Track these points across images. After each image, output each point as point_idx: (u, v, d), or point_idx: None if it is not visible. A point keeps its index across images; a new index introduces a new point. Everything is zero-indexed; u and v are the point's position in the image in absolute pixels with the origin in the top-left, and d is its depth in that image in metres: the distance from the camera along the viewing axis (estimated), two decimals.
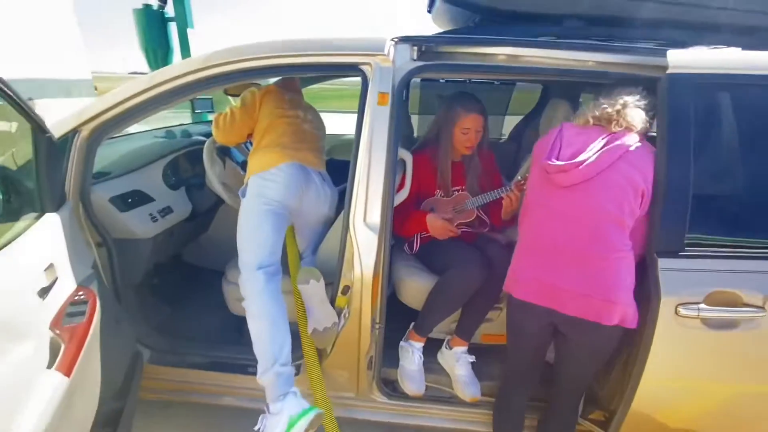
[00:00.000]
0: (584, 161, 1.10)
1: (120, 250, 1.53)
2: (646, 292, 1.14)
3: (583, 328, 1.13)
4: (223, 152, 1.93)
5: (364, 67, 1.33)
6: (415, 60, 1.33)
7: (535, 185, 1.26)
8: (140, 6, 3.92)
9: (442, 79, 2.55)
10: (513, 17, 1.53)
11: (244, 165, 2.21)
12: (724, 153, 1.14)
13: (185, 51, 4.03)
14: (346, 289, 1.46)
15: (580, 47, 1.26)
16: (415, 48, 1.32)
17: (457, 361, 1.56)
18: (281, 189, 1.52)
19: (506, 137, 2.97)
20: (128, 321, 1.52)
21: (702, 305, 1.11)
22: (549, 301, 1.15)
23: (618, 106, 1.15)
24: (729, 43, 1.34)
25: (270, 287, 1.45)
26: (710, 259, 1.13)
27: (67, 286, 1.15)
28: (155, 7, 3.92)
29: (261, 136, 1.64)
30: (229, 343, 1.72)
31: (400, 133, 1.35)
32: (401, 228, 1.66)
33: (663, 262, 1.13)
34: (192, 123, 2.97)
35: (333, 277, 1.51)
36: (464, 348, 1.59)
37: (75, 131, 1.39)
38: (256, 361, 1.64)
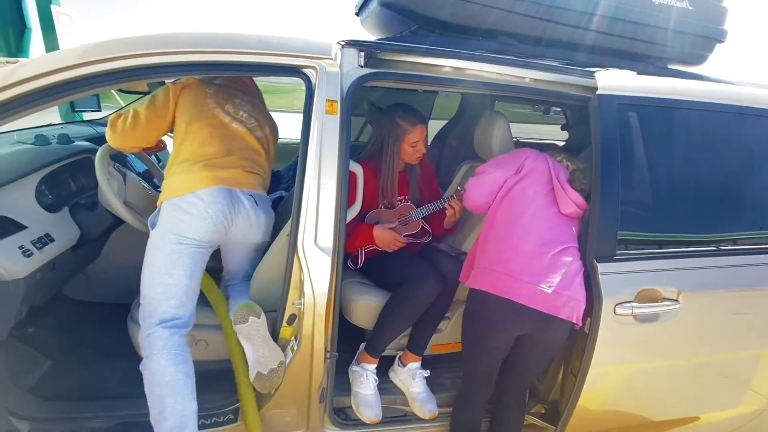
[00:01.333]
0: (586, 208, 1.31)
1: None
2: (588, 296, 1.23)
3: (554, 327, 1.21)
4: (121, 162, 1.58)
5: (308, 71, 1.19)
6: (362, 66, 1.24)
7: (537, 194, 1.31)
8: None
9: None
10: (450, 29, 1.53)
11: (147, 177, 1.85)
12: (644, 165, 1.29)
13: (48, 31, 3.26)
14: (293, 318, 1.30)
15: (520, 64, 1.31)
16: (362, 53, 1.23)
17: (412, 378, 1.52)
18: (198, 223, 1.26)
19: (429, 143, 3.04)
20: None
21: (634, 303, 1.23)
22: (546, 305, 1.19)
23: (575, 167, 1.40)
24: (624, 68, 1.56)
25: (173, 344, 1.22)
26: (638, 261, 1.27)
27: None
28: None
29: (179, 146, 1.35)
30: (142, 396, 1.41)
31: (350, 145, 1.25)
32: (346, 243, 1.56)
33: (601, 267, 1.23)
34: (64, 123, 2.41)
35: (270, 306, 1.34)
36: (418, 363, 1.55)
37: None
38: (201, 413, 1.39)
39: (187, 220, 1.26)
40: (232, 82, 1.52)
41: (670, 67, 1.66)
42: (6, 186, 1.30)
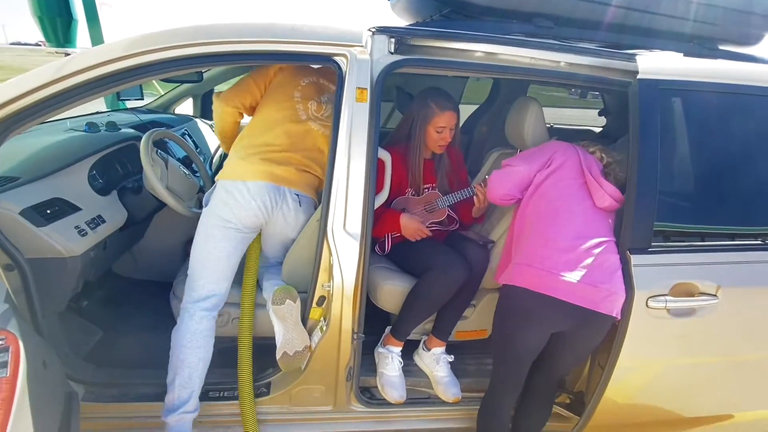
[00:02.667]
0: (623, 201, 1.27)
1: (39, 273, 1.25)
2: None
3: (593, 322, 1.18)
4: (162, 149, 1.67)
5: (339, 59, 1.21)
6: (392, 53, 1.24)
7: (570, 188, 1.28)
8: None
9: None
10: (483, 12, 1.49)
11: (186, 163, 1.95)
12: (686, 153, 1.23)
13: (93, 22, 3.43)
14: (322, 300, 1.35)
15: (557, 48, 1.27)
16: (393, 40, 1.23)
17: (437, 363, 1.55)
18: (240, 210, 1.35)
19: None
20: (55, 357, 1.25)
21: (669, 297, 1.20)
22: (586, 299, 1.15)
23: (611, 159, 1.36)
24: (666, 48, 1.47)
25: (203, 327, 1.35)
26: (674, 254, 1.22)
27: None
28: None
29: (251, 128, 1.43)
30: None
31: (379, 132, 1.26)
32: (373, 228, 1.58)
33: (635, 259, 1.20)
34: (110, 111, 2.55)
35: (300, 287, 1.39)
36: (442, 348, 1.58)
37: None
38: (218, 384, 1.48)
39: (232, 204, 1.34)
40: (325, 77, 1.55)
41: (721, 48, 1.55)
42: (62, 170, 1.41)
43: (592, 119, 2.85)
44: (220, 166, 2.48)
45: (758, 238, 1.29)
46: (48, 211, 1.28)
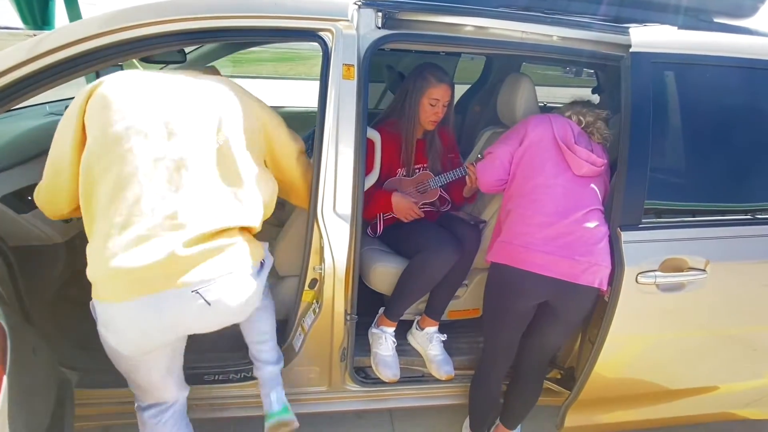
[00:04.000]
0: (604, 163, 1.29)
1: (24, 261, 1.23)
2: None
3: (575, 294, 1.20)
4: None
5: (324, 34, 1.16)
6: (380, 28, 1.20)
7: (545, 162, 1.27)
8: None
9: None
10: None
11: None
12: (679, 129, 1.22)
13: (72, 2, 3.29)
14: (314, 283, 1.35)
15: (548, 21, 1.24)
16: (380, 14, 1.19)
17: (430, 341, 1.56)
18: (127, 343, 0.97)
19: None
20: (45, 345, 1.25)
21: (658, 272, 1.21)
22: (564, 272, 1.18)
23: (593, 117, 1.35)
24: (660, 21, 1.44)
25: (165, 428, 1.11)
26: (664, 229, 1.23)
27: None
28: None
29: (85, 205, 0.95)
30: None
31: (367, 111, 1.23)
32: (364, 210, 1.57)
33: (625, 235, 1.20)
34: None
35: (294, 271, 1.38)
36: (435, 328, 1.59)
37: None
38: (211, 367, 1.48)
39: (111, 339, 0.98)
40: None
41: (716, 21, 1.52)
42: (43, 155, 1.37)
43: (586, 98, 2.81)
44: None
45: (747, 213, 1.30)
46: (29, 198, 1.25)
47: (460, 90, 2.84)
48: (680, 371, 1.43)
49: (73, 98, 1.79)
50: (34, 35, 3.75)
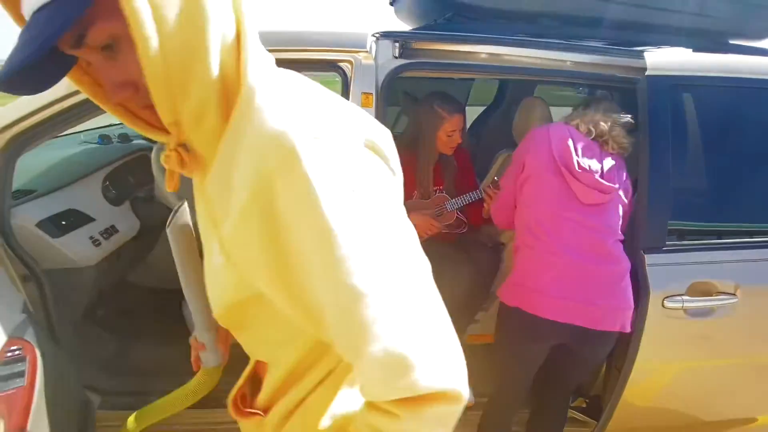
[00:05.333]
0: (616, 187, 1.13)
1: (55, 283, 1.28)
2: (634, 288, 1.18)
3: (600, 339, 1.13)
4: None
5: (343, 65, 1.21)
6: (397, 57, 1.24)
7: (546, 191, 1.14)
8: None
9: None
10: (488, 14, 1.49)
11: None
12: (700, 150, 1.21)
13: None
14: None
15: (562, 47, 1.26)
16: (397, 44, 1.23)
17: None
18: None
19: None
20: (71, 366, 1.28)
21: (685, 297, 1.17)
22: (581, 318, 1.09)
23: (610, 124, 1.18)
24: (674, 44, 1.45)
25: None
26: (690, 252, 1.20)
27: None
28: None
29: None
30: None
31: None
32: None
33: (649, 258, 1.18)
34: (120, 122, 2.61)
35: None
36: None
37: None
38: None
39: None
40: None
41: (731, 42, 1.52)
42: (76, 182, 1.45)
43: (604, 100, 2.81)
44: None
45: None
46: (63, 223, 1.31)
47: (476, 111, 2.89)
48: (714, 401, 1.36)
49: (105, 126, 1.82)
50: None
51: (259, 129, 0.41)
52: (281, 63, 1.27)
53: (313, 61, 1.21)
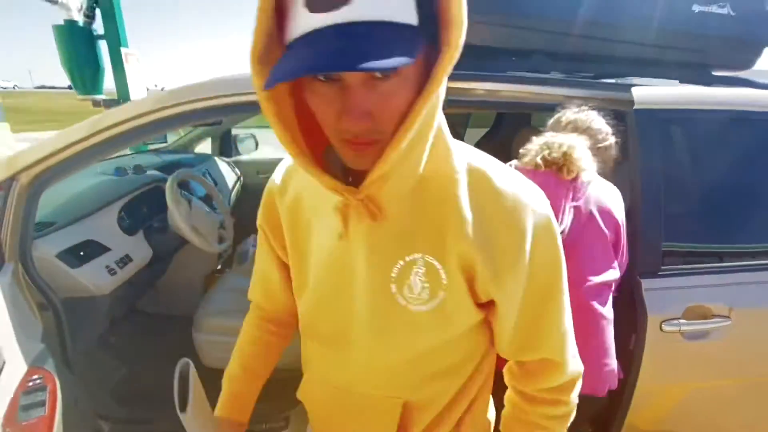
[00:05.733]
0: (563, 230, 1.02)
1: (71, 312, 1.32)
2: (632, 313, 1.22)
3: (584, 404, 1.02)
4: (186, 189, 1.76)
5: None
6: None
7: None
8: (61, 22, 3.53)
9: None
10: (479, 51, 1.58)
11: (208, 201, 2.05)
12: (690, 178, 1.27)
13: (119, 71, 3.69)
14: None
15: (556, 83, 1.34)
16: None
17: None
18: None
19: None
20: (85, 395, 1.31)
21: (682, 320, 1.20)
22: None
23: (564, 148, 1.05)
24: (664, 76, 1.53)
25: None
26: (683, 276, 1.24)
27: (16, 369, 0.96)
28: (81, 24, 3.55)
29: None
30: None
31: None
32: None
33: (645, 283, 1.22)
34: (134, 153, 2.70)
35: None
36: None
37: (12, 179, 1.19)
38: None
39: None
40: None
41: (715, 74, 1.61)
42: (94, 214, 1.51)
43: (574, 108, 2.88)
44: (237, 202, 2.59)
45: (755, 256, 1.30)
46: (81, 253, 1.37)
47: (476, 132, 2.98)
48: (721, 423, 1.37)
49: (119, 156, 1.86)
50: (83, 99, 4.08)
51: (513, 198, 0.53)
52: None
53: None
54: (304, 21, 0.41)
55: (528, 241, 0.53)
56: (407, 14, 0.41)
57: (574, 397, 0.67)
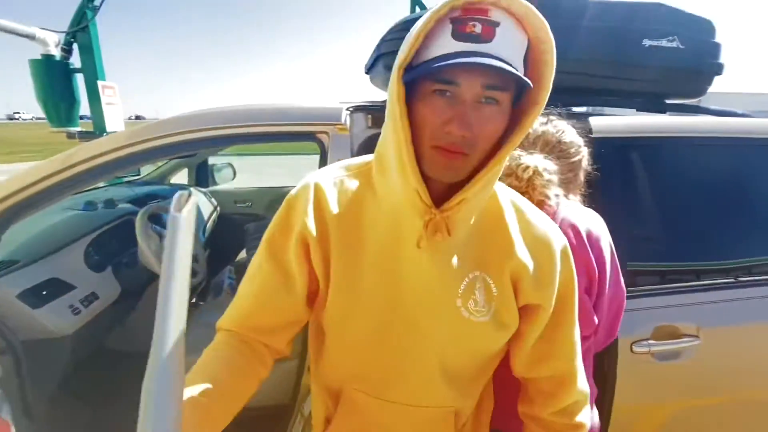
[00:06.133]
0: None
1: (31, 355, 1.26)
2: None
3: None
4: (157, 223, 1.74)
5: (321, 136, 1.32)
6: (370, 127, 1.36)
7: None
8: (38, 56, 3.52)
9: None
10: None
11: None
12: (649, 203, 1.32)
13: (95, 102, 3.66)
14: None
15: None
16: (369, 116, 1.36)
17: None
18: None
19: None
20: None
21: (651, 341, 1.23)
22: None
23: (529, 173, 0.93)
24: (623, 107, 1.63)
25: None
26: (650, 297, 1.27)
27: None
28: (58, 58, 3.54)
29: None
30: None
31: None
32: None
33: None
34: (107, 185, 2.66)
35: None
36: None
37: None
38: None
39: None
40: None
41: (669, 102, 1.71)
42: (59, 251, 1.47)
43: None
44: (212, 233, 2.55)
45: (729, 274, 1.36)
46: (44, 293, 1.32)
47: None
48: None
49: (90, 189, 1.82)
50: (57, 131, 3.99)
51: (544, 228, 0.68)
52: (267, 136, 1.37)
53: (294, 132, 1.32)
54: (449, 46, 0.52)
55: (557, 260, 0.67)
56: (520, 66, 0.54)
57: (586, 420, 0.73)
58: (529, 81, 0.52)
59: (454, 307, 0.64)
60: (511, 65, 0.51)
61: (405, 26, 1.59)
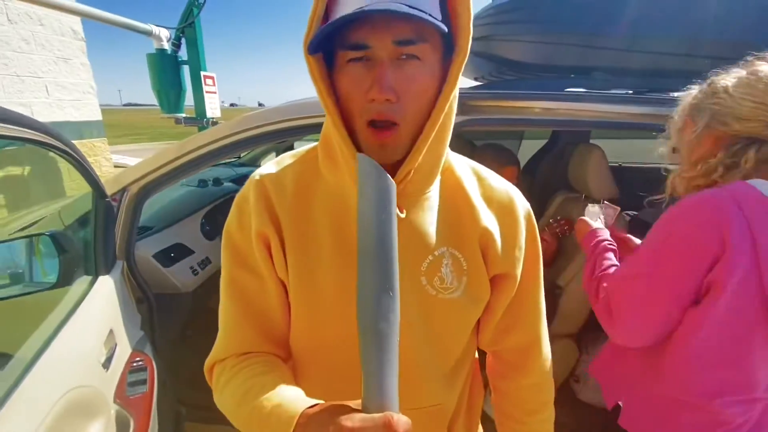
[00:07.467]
0: None
1: (160, 306, 1.52)
2: None
3: None
4: None
5: None
6: (457, 115, 1.38)
7: (738, 311, 0.70)
8: (153, 50, 4.04)
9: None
10: (539, 70, 1.60)
11: None
12: None
13: (198, 91, 4.13)
14: None
15: (616, 100, 1.33)
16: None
17: None
18: None
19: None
20: (169, 380, 1.49)
21: None
22: None
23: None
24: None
25: None
26: None
27: (123, 352, 1.14)
28: (169, 52, 4.04)
29: None
30: None
31: None
32: None
33: None
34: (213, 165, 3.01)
35: None
36: None
37: (123, 191, 1.41)
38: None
39: None
40: None
41: None
42: (182, 221, 1.73)
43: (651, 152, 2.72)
44: None
45: None
46: (172, 255, 1.58)
47: (530, 143, 2.94)
48: None
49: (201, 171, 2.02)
50: (167, 117, 4.55)
51: (507, 192, 0.65)
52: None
53: None
54: (351, 3, 0.47)
55: (522, 223, 0.64)
56: (436, 14, 0.48)
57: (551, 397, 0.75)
58: (440, 24, 0.46)
59: (420, 285, 0.59)
60: (421, 10, 0.45)
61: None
